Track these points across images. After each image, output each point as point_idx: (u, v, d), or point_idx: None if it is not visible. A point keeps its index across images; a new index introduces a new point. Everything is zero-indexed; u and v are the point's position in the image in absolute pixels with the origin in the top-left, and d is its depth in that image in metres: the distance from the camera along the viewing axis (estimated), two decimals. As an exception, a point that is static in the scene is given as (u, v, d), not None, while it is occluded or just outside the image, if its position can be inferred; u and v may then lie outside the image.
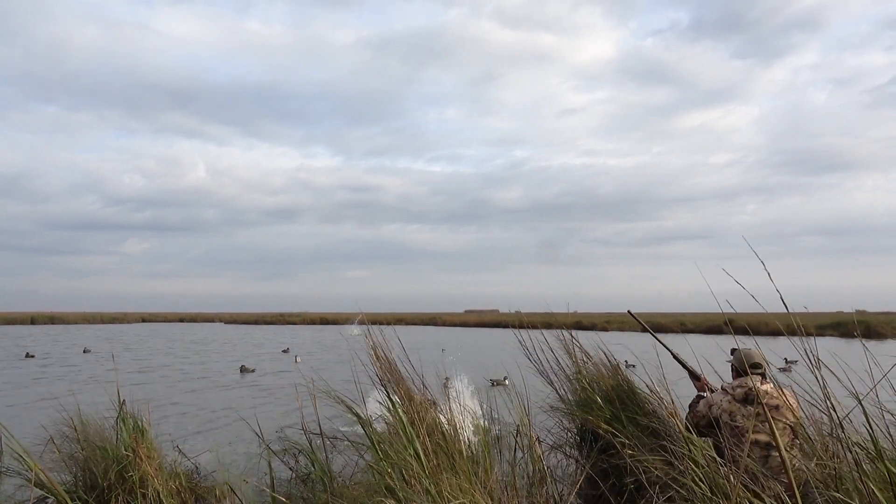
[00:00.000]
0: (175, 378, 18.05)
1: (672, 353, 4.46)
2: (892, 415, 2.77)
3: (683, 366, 4.38)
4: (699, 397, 4.18)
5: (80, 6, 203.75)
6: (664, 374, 4.38)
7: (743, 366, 3.95)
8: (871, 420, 2.52)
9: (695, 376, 4.37)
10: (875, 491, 2.37)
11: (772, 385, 3.85)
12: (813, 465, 3.26)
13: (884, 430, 2.73)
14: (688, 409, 4.14)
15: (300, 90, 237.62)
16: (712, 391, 4.19)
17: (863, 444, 2.62)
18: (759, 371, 3.91)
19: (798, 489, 3.26)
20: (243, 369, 19.86)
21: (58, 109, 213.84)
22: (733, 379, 4.07)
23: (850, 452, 2.61)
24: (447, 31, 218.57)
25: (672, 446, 3.51)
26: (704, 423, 3.95)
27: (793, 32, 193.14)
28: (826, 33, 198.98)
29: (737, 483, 2.60)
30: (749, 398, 3.83)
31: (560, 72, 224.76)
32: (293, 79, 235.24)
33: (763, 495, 2.48)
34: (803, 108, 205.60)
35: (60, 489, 3.25)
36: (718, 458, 3.45)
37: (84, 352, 27.90)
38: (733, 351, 4.15)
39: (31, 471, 3.60)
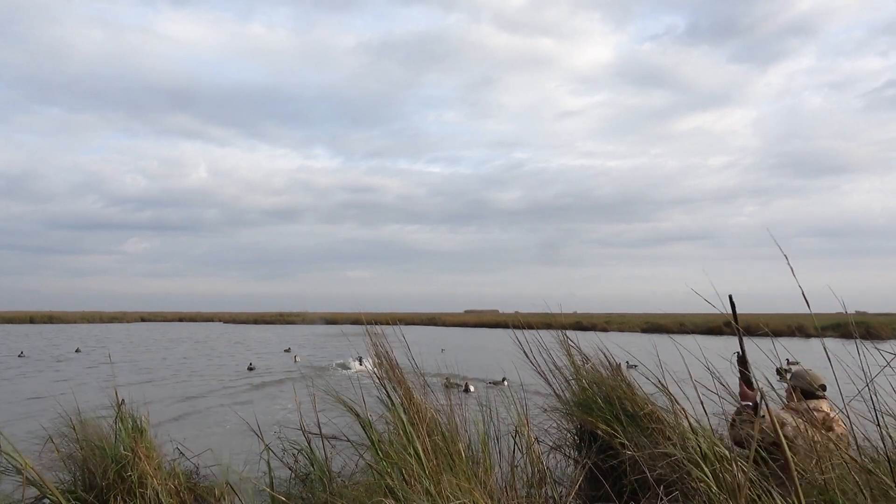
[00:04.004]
0: (172, 377, 18.03)
1: (740, 354, 4.02)
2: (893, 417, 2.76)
3: (745, 365, 3.97)
4: (745, 408, 3.74)
5: (84, 10, 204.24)
6: (664, 374, 4.37)
7: (812, 388, 3.70)
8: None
9: (748, 383, 3.93)
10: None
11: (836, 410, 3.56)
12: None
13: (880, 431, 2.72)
14: (735, 419, 3.68)
15: (301, 93, 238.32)
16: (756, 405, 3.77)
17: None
18: (824, 395, 3.65)
19: None
20: (251, 368, 19.89)
21: (61, 111, 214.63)
22: (790, 400, 3.78)
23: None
24: (447, 36, 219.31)
25: (674, 442, 3.49)
26: (768, 441, 3.42)
27: (788, 37, 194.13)
28: (821, 38, 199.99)
29: (745, 480, 2.59)
30: (826, 424, 3.54)
31: (558, 76, 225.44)
32: (294, 82, 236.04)
33: (772, 492, 2.47)
34: (799, 112, 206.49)
35: (53, 487, 3.23)
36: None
37: (76, 351, 27.82)
38: (781, 371, 3.79)
39: (26, 470, 3.58)
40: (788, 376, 3.92)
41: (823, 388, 3.73)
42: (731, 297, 3.97)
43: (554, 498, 3.92)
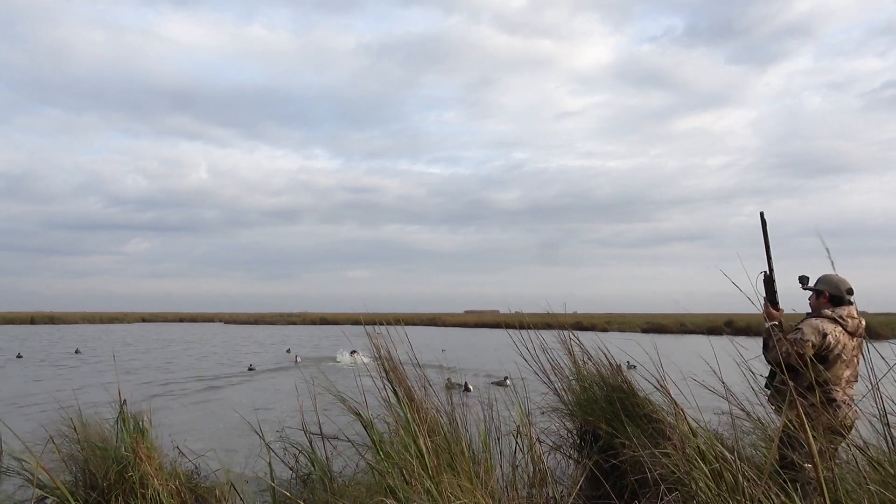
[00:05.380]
0: (173, 378, 18.03)
1: (767, 273, 3.88)
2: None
3: (771, 285, 3.87)
4: (773, 328, 3.70)
5: (86, 12, 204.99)
6: (665, 375, 4.38)
7: (840, 291, 3.59)
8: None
9: (774, 304, 3.83)
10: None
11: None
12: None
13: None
14: (770, 341, 3.64)
15: (301, 94, 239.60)
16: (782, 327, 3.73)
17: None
18: (852, 300, 3.57)
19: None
20: (250, 369, 19.84)
21: (62, 112, 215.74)
22: (818, 307, 3.70)
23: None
24: (446, 37, 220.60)
25: (674, 443, 3.50)
26: (811, 353, 3.46)
27: (786, 39, 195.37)
28: (819, 39, 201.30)
29: (744, 479, 2.60)
30: (857, 332, 3.53)
31: (558, 76, 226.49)
32: (294, 83, 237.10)
33: (770, 492, 2.47)
34: (798, 112, 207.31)
35: (62, 486, 3.24)
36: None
37: (76, 352, 27.74)
38: (804, 279, 3.72)
39: (34, 469, 3.59)
40: (815, 282, 3.79)
41: (850, 291, 3.62)
42: (762, 214, 3.91)
43: (555, 498, 3.92)
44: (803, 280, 3.82)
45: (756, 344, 3.91)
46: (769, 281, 3.89)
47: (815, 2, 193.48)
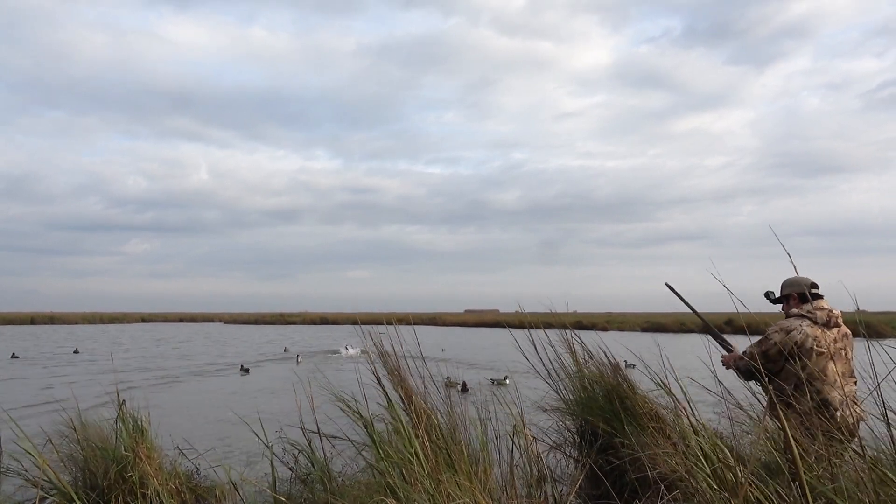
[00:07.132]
0: (173, 378, 18.03)
1: (704, 322, 4.23)
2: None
3: (716, 336, 4.15)
4: (743, 355, 3.83)
5: (88, 14, 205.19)
6: (666, 373, 4.37)
7: (803, 289, 3.64)
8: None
9: (727, 348, 4.10)
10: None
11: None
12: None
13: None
14: (741, 356, 3.80)
15: (301, 95, 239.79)
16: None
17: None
18: (820, 293, 3.62)
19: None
20: (243, 368, 19.81)
21: (64, 114, 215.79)
22: (789, 310, 3.74)
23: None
24: (446, 39, 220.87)
25: (674, 442, 3.49)
26: (775, 351, 3.53)
27: (784, 40, 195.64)
28: (817, 40, 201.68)
29: (745, 479, 2.59)
30: (831, 322, 3.53)
31: (557, 77, 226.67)
32: (295, 84, 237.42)
33: (769, 491, 2.46)
34: (797, 113, 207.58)
35: (66, 486, 3.24)
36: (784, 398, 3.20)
37: (74, 352, 27.69)
38: (769, 294, 3.83)
39: (39, 469, 3.59)
40: (781, 286, 3.85)
41: (814, 286, 3.67)
42: (667, 284, 4.34)
43: (554, 497, 3.92)
44: (769, 295, 3.87)
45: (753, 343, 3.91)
46: (713, 333, 4.15)
47: (813, 3, 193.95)
